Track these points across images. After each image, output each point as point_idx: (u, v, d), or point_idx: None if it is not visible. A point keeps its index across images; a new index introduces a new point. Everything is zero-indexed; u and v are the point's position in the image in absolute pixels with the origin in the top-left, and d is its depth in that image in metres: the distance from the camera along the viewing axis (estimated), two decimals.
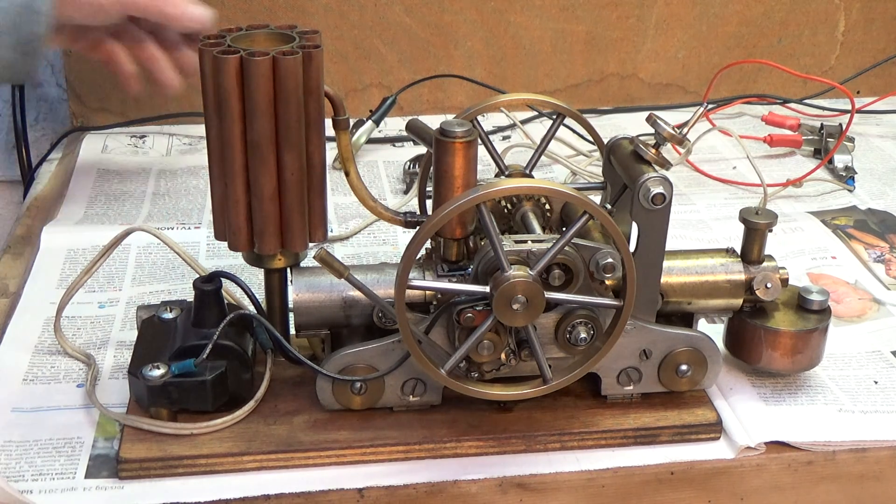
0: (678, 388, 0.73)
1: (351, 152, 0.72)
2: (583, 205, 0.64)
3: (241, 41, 0.67)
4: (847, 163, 1.13)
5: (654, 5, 1.28)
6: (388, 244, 0.97)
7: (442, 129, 0.66)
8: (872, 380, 0.78)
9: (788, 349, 0.73)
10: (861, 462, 0.71)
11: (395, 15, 1.23)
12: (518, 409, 0.72)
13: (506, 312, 0.64)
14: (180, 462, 0.67)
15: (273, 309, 0.73)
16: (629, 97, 1.32)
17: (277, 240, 0.69)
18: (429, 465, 0.69)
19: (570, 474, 0.69)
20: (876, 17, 1.34)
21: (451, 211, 0.63)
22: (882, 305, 0.89)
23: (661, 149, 0.70)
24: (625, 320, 0.67)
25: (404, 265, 0.63)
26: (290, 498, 0.66)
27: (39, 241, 0.94)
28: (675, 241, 0.76)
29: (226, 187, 0.68)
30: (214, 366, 0.68)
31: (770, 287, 0.73)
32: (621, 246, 0.65)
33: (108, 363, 0.78)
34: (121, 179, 1.09)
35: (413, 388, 0.70)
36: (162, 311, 0.73)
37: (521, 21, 1.26)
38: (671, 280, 0.73)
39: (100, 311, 0.84)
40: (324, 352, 0.72)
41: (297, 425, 0.70)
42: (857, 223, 1.03)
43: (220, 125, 0.67)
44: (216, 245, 0.94)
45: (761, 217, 0.73)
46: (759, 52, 1.33)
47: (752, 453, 0.70)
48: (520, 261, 0.66)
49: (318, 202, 0.70)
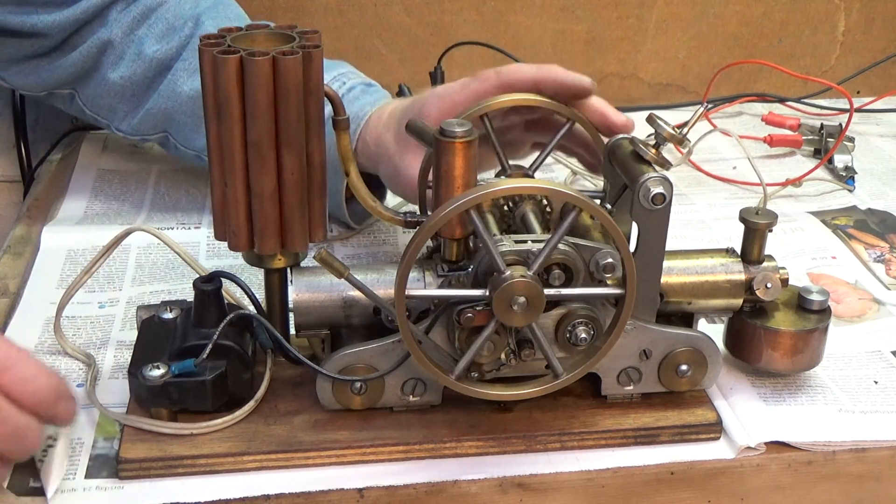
0: (678, 388, 0.73)
1: (351, 152, 0.72)
2: (583, 204, 0.64)
3: (241, 41, 0.67)
4: (847, 163, 1.13)
5: (654, 5, 1.28)
6: (388, 244, 0.97)
7: (442, 128, 0.66)
8: (872, 380, 0.78)
9: (788, 349, 0.73)
10: (861, 462, 0.71)
11: (395, 15, 1.23)
12: (518, 409, 0.72)
13: (506, 313, 0.64)
14: (180, 462, 0.67)
15: (273, 309, 0.73)
16: (629, 97, 1.32)
17: (277, 240, 0.69)
18: (429, 465, 0.69)
19: (570, 474, 0.69)
20: (876, 17, 1.34)
21: (451, 211, 0.63)
22: (882, 305, 0.89)
23: (662, 149, 0.70)
24: (625, 320, 0.67)
25: (404, 265, 0.63)
26: (290, 498, 0.66)
27: (39, 241, 0.94)
28: (675, 241, 0.75)
29: (226, 187, 0.68)
30: (214, 366, 0.68)
31: (770, 287, 0.73)
32: (621, 246, 0.65)
33: (108, 363, 0.77)
34: (121, 179, 1.09)
35: (413, 388, 0.70)
36: (162, 311, 0.73)
37: (521, 21, 1.26)
38: (671, 280, 0.73)
39: (100, 311, 0.84)
40: (324, 352, 0.72)
41: (297, 425, 0.70)
42: (857, 223, 1.03)
43: (220, 125, 0.66)
44: (216, 245, 0.94)
45: (761, 217, 0.73)
46: (759, 52, 1.33)
47: (752, 453, 0.70)
48: (519, 261, 0.66)
49: (318, 202, 0.70)
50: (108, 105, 0.99)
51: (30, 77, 0.99)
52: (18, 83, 1.01)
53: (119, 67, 0.96)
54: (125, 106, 0.98)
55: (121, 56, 0.96)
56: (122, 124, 1.00)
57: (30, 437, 0.61)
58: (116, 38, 0.95)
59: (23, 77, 0.99)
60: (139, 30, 0.96)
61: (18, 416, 0.61)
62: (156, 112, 0.97)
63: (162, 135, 1.00)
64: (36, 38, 0.95)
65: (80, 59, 0.96)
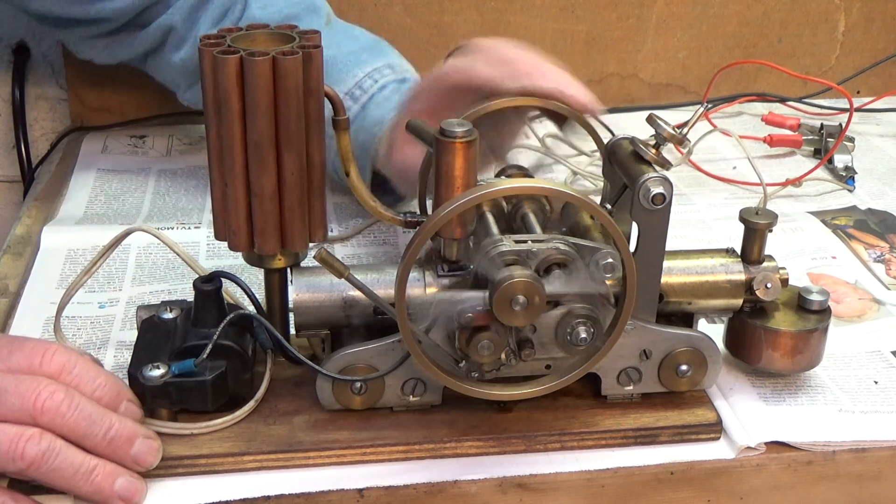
0: (678, 388, 0.73)
1: (351, 152, 0.71)
2: (583, 205, 0.64)
3: (241, 41, 0.67)
4: (847, 162, 1.13)
5: (654, 5, 1.28)
6: (388, 244, 0.97)
7: (442, 128, 0.66)
8: (872, 380, 0.78)
9: (789, 349, 0.73)
10: (861, 462, 0.71)
11: (395, 15, 1.23)
12: (518, 409, 0.72)
13: (506, 313, 0.64)
14: (180, 462, 0.67)
15: (273, 309, 0.73)
16: (629, 97, 1.32)
17: (277, 240, 0.69)
18: (429, 465, 0.69)
19: (570, 474, 0.69)
20: (876, 17, 1.34)
21: (451, 211, 0.63)
22: (882, 305, 0.89)
23: (662, 149, 0.70)
24: (625, 320, 0.67)
25: (404, 265, 0.63)
26: (290, 498, 0.66)
27: (39, 241, 0.94)
28: (675, 241, 0.75)
29: (226, 187, 0.68)
30: (214, 366, 0.68)
31: (770, 287, 0.73)
32: (621, 246, 0.65)
33: (108, 363, 0.77)
34: (121, 179, 1.09)
35: (413, 388, 0.70)
36: (162, 311, 0.73)
37: (521, 21, 1.26)
38: (671, 280, 0.73)
39: (100, 311, 0.84)
40: (324, 352, 0.72)
41: (297, 425, 0.70)
42: (857, 223, 1.03)
43: (220, 125, 0.66)
44: (216, 245, 0.94)
45: (761, 217, 0.73)
46: (759, 52, 1.33)
47: (752, 453, 0.70)
48: (519, 261, 0.66)
49: (318, 202, 0.70)
50: (172, 79, 1.05)
51: (103, 53, 1.05)
52: (92, 57, 1.07)
53: (181, 50, 1.00)
54: (186, 81, 1.03)
55: (182, 39, 1.00)
56: (185, 95, 1.05)
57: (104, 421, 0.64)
58: (178, 22, 0.99)
59: (96, 52, 1.06)
60: (198, 14, 0.99)
61: (90, 405, 0.63)
62: None
63: None
64: (101, 23, 1.00)
65: (146, 40, 1.01)
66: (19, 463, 0.61)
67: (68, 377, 0.64)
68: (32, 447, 0.61)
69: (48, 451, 0.61)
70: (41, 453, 0.61)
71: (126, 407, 0.66)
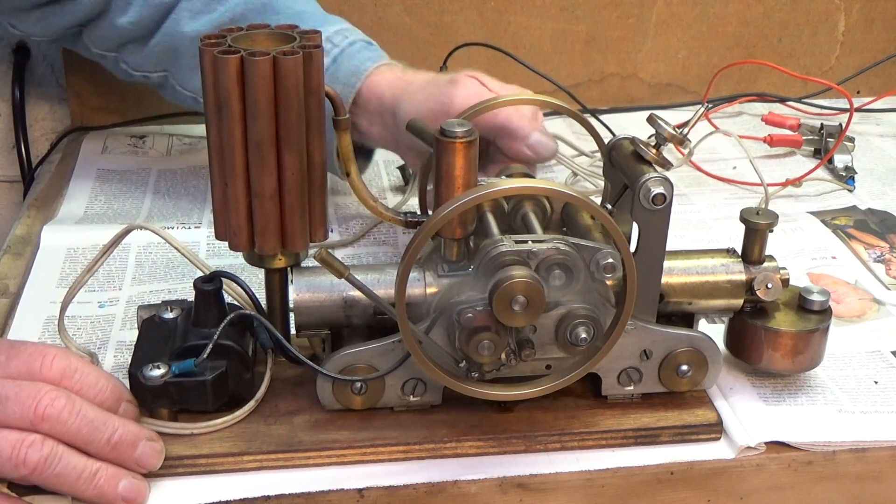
0: (678, 389, 0.73)
1: (351, 152, 0.71)
2: (583, 205, 0.64)
3: (241, 41, 0.67)
4: (847, 163, 1.13)
5: (654, 5, 1.28)
6: (388, 244, 0.97)
7: (442, 128, 0.66)
8: (872, 380, 0.78)
9: (789, 349, 0.73)
10: (861, 462, 0.71)
11: (395, 15, 1.23)
12: (518, 409, 0.72)
13: (506, 313, 0.64)
14: (180, 462, 0.67)
15: (273, 309, 0.73)
16: (629, 97, 1.32)
17: (278, 240, 0.69)
18: (429, 465, 0.69)
19: (570, 474, 0.69)
20: (876, 17, 1.34)
21: (451, 211, 0.63)
22: (882, 305, 0.89)
23: (662, 149, 0.70)
24: (625, 320, 0.67)
25: (405, 265, 0.63)
26: (290, 498, 0.66)
27: (39, 241, 0.94)
28: (676, 241, 0.75)
29: (226, 187, 0.68)
30: (215, 366, 0.68)
31: (771, 287, 0.73)
32: (622, 246, 0.65)
33: (108, 363, 0.77)
34: (121, 179, 1.09)
35: (413, 388, 0.70)
36: (162, 310, 0.73)
37: (521, 21, 1.26)
38: (672, 280, 0.73)
39: (100, 310, 0.84)
40: (324, 352, 0.72)
41: (298, 425, 0.70)
42: (857, 223, 1.03)
43: (221, 125, 0.66)
44: (216, 245, 0.94)
45: (762, 217, 0.73)
46: (759, 52, 1.33)
47: (752, 453, 0.70)
48: (519, 261, 0.66)
49: (318, 202, 0.70)
50: (114, 45, 1.01)
51: (38, 24, 1.00)
52: (26, 30, 1.03)
53: (127, 13, 0.97)
54: (131, 46, 1.00)
55: (129, 2, 0.97)
56: (127, 59, 1.01)
57: (106, 426, 0.64)
58: None
59: (31, 24, 1.01)
60: None
61: (92, 410, 0.64)
62: (159, 50, 0.98)
63: (162, 74, 1.00)
64: None
65: (89, 5, 0.97)
66: (22, 469, 0.61)
67: (69, 382, 0.64)
68: (34, 453, 0.61)
69: (50, 456, 0.61)
70: (43, 459, 0.61)
71: (125, 408, 0.66)
